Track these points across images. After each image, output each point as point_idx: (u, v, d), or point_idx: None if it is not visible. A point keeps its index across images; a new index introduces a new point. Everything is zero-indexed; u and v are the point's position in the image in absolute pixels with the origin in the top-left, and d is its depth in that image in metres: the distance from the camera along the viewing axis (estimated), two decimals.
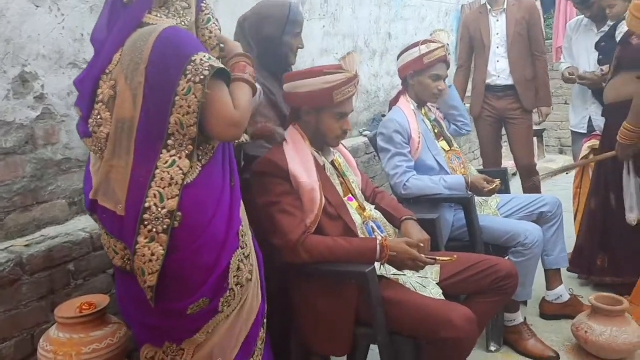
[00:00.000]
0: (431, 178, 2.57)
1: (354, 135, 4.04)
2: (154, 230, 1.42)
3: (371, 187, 2.27)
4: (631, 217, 2.77)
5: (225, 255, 1.48)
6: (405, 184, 2.56)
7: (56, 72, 2.10)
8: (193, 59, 1.38)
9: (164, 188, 1.42)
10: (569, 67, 3.43)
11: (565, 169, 3.60)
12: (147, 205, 1.41)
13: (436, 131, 2.80)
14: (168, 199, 1.41)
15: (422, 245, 1.89)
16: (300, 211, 1.88)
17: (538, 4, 7.26)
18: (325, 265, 1.83)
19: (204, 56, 1.40)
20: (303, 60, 3.35)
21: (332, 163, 2.08)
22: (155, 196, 1.41)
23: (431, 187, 2.54)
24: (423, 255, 1.84)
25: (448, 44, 2.72)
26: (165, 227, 1.41)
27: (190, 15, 1.54)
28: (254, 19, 2.12)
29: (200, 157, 1.48)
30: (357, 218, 2.00)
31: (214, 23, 1.62)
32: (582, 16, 3.48)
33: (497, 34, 3.69)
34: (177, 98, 1.38)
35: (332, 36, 3.84)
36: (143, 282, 1.47)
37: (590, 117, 3.42)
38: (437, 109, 2.96)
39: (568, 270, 3.12)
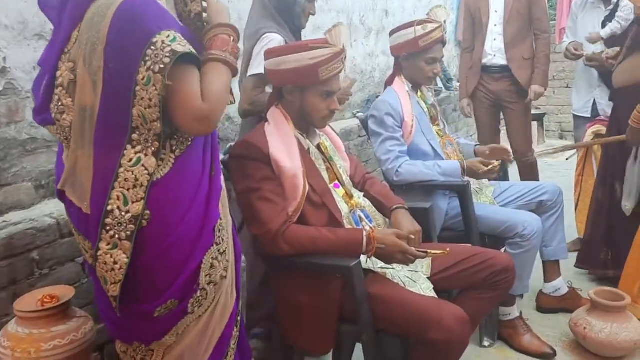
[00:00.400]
0: (425, 163, 2.43)
1: (347, 117, 3.89)
2: (117, 236, 1.27)
3: (361, 173, 2.12)
4: (627, 206, 2.66)
5: (197, 253, 1.34)
6: (397, 170, 2.42)
7: (20, 44, 1.94)
8: (154, 40, 1.18)
9: (128, 190, 1.26)
10: (572, 42, 3.25)
11: (566, 148, 3.43)
12: (109, 208, 1.26)
13: (432, 115, 2.65)
14: (132, 202, 1.26)
15: (412, 237, 1.75)
16: (281, 198, 1.74)
17: None
18: (307, 257, 1.69)
19: (167, 36, 1.20)
20: None
21: (318, 146, 1.93)
22: (118, 198, 1.26)
23: (425, 173, 2.40)
24: (413, 248, 1.71)
25: (445, 21, 2.55)
26: (129, 233, 1.27)
27: None
28: None
29: (174, 148, 1.32)
30: (343, 206, 1.86)
31: None
32: None
33: (496, 11, 3.53)
34: (137, 88, 1.20)
35: (325, 12, 3.66)
36: (106, 290, 1.34)
37: (594, 101, 3.26)
38: (435, 91, 2.80)
39: (576, 266, 3.00)
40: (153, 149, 1.26)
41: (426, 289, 1.78)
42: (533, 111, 6.51)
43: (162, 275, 1.32)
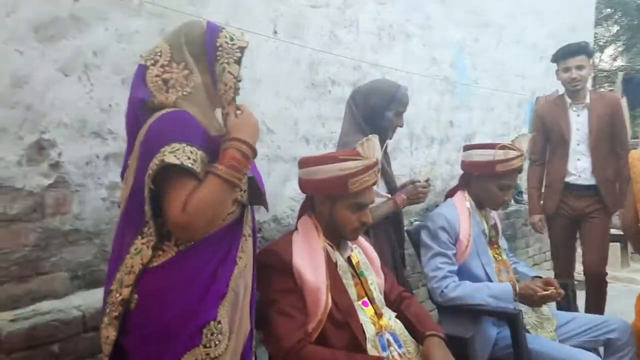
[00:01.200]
0: (473, 285, 2.24)
1: (404, 224, 3.77)
2: (112, 314, 1.39)
3: (397, 290, 1.98)
4: None
5: (173, 350, 1.35)
6: (443, 290, 2.24)
7: (76, 141, 2.06)
8: (162, 149, 1.31)
9: (125, 274, 1.38)
10: None
11: None
12: (111, 288, 1.40)
13: (491, 237, 2.48)
14: (124, 287, 1.37)
15: None
16: (301, 313, 1.64)
17: (623, 100, 6.84)
18: None
19: (171, 148, 1.31)
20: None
21: (349, 260, 1.84)
22: (118, 281, 1.39)
23: (472, 296, 2.21)
24: None
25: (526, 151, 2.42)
26: (117, 314, 1.37)
27: (192, 78, 1.42)
28: (365, 90, 2.40)
29: (179, 242, 1.39)
30: (369, 328, 1.71)
31: (229, 72, 1.43)
32: None
33: (578, 129, 3.33)
34: (146, 189, 1.34)
35: None
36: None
37: None
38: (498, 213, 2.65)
39: None
40: (153, 242, 1.37)
41: None
42: (616, 231, 6.11)
43: None
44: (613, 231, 6.10)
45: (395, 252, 2.60)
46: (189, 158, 1.30)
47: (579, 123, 3.34)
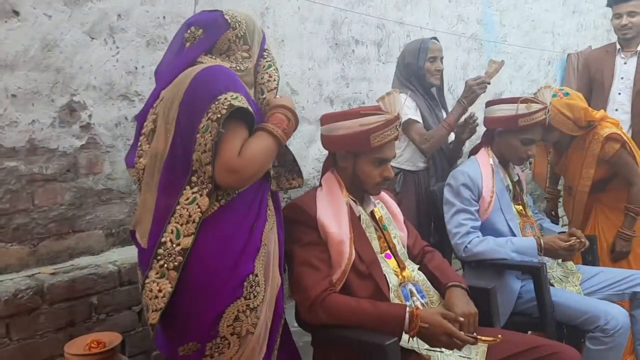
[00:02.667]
0: (496, 240, 2.25)
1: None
2: (166, 266, 1.39)
3: (420, 245, 2.01)
4: None
5: (218, 303, 1.40)
6: (466, 246, 2.26)
7: (105, 103, 2.12)
8: (219, 97, 1.36)
9: (181, 225, 1.39)
10: None
11: None
12: (163, 240, 1.39)
13: (515, 194, 2.47)
14: (184, 236, 1.38)
15: (462, 319, 1.60)
16: (325, 265, 1.69)
17: None
18: (344, 330, 1.60)
19: (231, 95, 1.37)
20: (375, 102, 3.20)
21: (372, 214, 1.87)
22: (172, 232, 1.39)
23: (496, 250, 2.22)
24: (461, 332, 1.56)
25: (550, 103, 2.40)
26: (176, 264, 1.38)
27: (249, 62, 1.56)
28: (401, 54, 2.73)
29: (220, 197, 1.43)
30: (392, 278, 1.75)
31: (274, 69, 1.63)
32: None
33: (622, 78, 3.22)
34: (197, 135, 1.37)
35: None
36: (147, 318, 1.44)
37: None
38: (522, 170, 2.64)
39: None
40: (207, 190, 1.39)
41: None
42: None
43: (186, 316, 1.41)
44: None
45: (421, 208, 2.64)
46: (244, 104, 1.38)
47: (624, 72, 3.22)
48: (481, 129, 2.57)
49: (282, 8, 2.72)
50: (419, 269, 1.89)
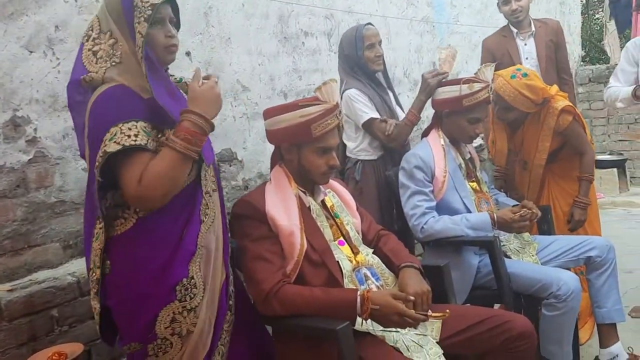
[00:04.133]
0: (452, 218, 2.31)
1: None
2: (93, 290, 1.50)
3: (375, 229, 2.05)
4: None
5: (148, 309, 1.46)
6: (423, 227, 2.32)
7: (50, 116, 2.10)
8: (104, 138, 1.37)
9: (94, 257, 1.47)
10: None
11: None
12: (90, 267, 1.50)
13: (468, 171, 2.53)
14: (96, 268, 1.47)
15: (412, 298, 1.65)
16: (278, 257, 1.72)
17: (611, 23, 6.72)
18: (299, 319, 1.64)
19: (111, 134, 1.37)
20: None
21: (323, 203, 1.90)
22: (92, 261, 1.49)
23: (451, 228, 2.28)
24: (412, 310, 1.61)
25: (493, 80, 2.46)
26: (95, 290, 1.48)
27: (120, 46, 1.46)
28: (339, 47, 2.75)
29: (138, 210, 1.47)
30: (346, 264, 1.79)
31: (138, 32, 1.44)
32: None
33: (527, 58, 3.42)
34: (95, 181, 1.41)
35: None
36: None
37: None
38: (482, 149, 2.70)
39: None
40: (104, 228, 1.46)
41: (434, 354, 1.65)
42: (614, 157, 6.13)
43: (124, 320, 1.50)
44: (609, 157, 6.20)
45: (382, 195, 2.67)
46: (129, 137, 1.36)
47: (527, 52, 3.41)
48: (430, 112, 2.62)
49: (225, 6, 2.72)
50: (374, 252, 1.94)
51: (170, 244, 1.46)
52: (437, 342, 1.70)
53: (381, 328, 1.68)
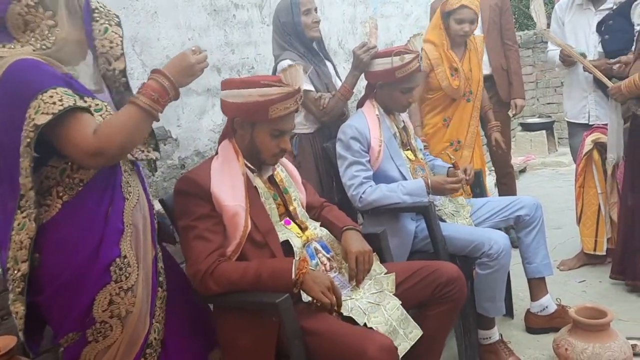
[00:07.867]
0: (388, 186, 2.36)
1: None
2: (15, 290, 1.40)
3: (318, 202, 2.07)
4: (610, 158, 2.84)
5: (84, 293, 1.43)
6: (361, 196, 2.36)
7: None
8: (27, 113, 1.28)
9: (17, 251, 1.38)
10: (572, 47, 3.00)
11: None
12: (8, 266, 1.41)
13: (403, 139, 2.58)
14: (21, 262, 1.38)
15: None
16: (219, 237, 1.69)
17: None
18: (238, 295, 1.64)
19: (36, 105, 1.28)
20: (264, 66, 3.18)
21: (272, 178, 1.89)
22: (12, 258, 1.40)
23: (388, 196, 2.33)
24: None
25: (422, 49, 2.49)
26: (20, 289, 1.40)
27: (58, 32, 1.41)
28: (274, 17, 2.70)
29: (61, 194, 1.43)
30: (296, 241, 1.79)
31: (113, 32, 1.52)
32: None
33: None
34: (20, 160, 1.31)
35: None
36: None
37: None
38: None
39: (611, 277, 2.89)
40: (34, 214, 1.36)
41: (392, 307, 1.73)
42: (542, 120, 6.40)
43: (58, 312, 1.45)
44: (538, 120, 6.46)
45: (320, 168, 2.68)
46: (54, 104, 1.28)
47: None
48: (364, 82, 2.64)
49: None
50: (320, 225, 1.95)
51: (99, 224, 1.44)
52: (394, 295, 1.77)
53: None
